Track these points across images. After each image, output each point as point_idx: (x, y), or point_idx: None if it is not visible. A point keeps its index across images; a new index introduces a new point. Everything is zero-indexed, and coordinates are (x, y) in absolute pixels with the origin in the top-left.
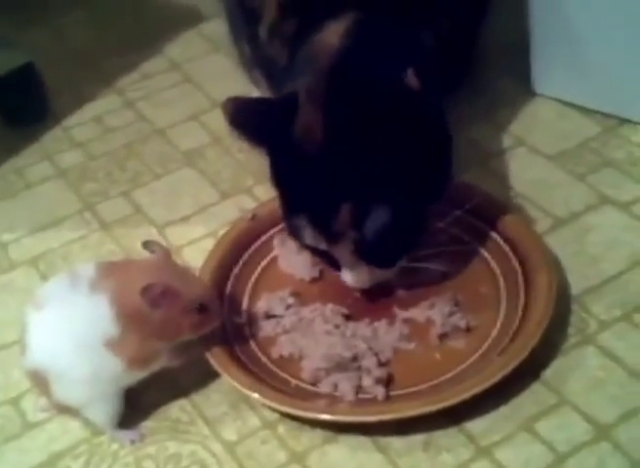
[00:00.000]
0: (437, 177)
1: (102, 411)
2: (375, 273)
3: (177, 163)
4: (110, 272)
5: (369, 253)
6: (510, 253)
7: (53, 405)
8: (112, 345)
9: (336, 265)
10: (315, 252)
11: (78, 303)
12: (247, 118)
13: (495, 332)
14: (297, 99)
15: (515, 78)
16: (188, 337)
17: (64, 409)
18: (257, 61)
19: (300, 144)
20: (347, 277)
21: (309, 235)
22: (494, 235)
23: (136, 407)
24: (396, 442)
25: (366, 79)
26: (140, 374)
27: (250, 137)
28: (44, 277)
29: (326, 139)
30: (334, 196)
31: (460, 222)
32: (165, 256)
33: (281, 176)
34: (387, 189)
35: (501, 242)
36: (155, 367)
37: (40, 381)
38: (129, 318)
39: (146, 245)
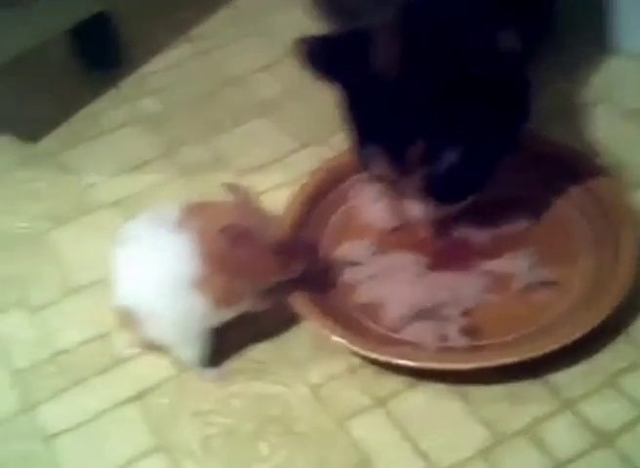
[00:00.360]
0: (512, 126)
1: (190, 350)
2: (438, 207)
3: (253, 112)
4: (194, 213)
5: (435, 190)
6: (595, 209)
7: (142, 342)
8: (198, 285)
9: (401, 196)
10: (382, 181)
11: (164, 243)
12: (320, 55)
13: (579, 288)
14: (372, 34)
15: (595, 34)
16: (271, 280)
17: (153, 347)
18: None
19: (379, 77)
20: (411, 208)
21: (379, 165)
22: (579, 191)
23: (221, 347)
24: (478, 391)
25: (446, 17)
26: (225, 315)
27: (324, 74)
28: (127, 218)
29: (405, 73)
30: (409, 130)
31: (544, 177)
32: (247, 199)
33: (356, 109)
34: (461, 131)
35: (587, 197)
36: (240, 308)
37: (130, 319)
38: (212, 258)
39: (228, 187)
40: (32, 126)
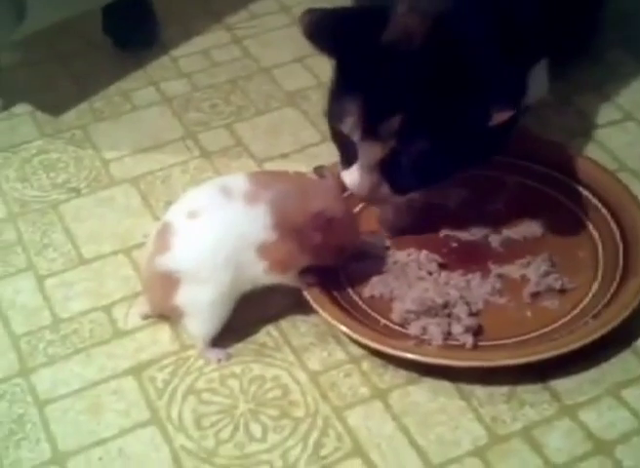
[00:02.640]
0: (488, 143)
1: (210, 321)
2: (378, 189)
3: (280, 102)
4: (268, 183)
5: (391, 169)
6: (611, 221)
7: (157, 311)
8: (262, 249)
9: (347, 162)
10: (340, 139)
11: (234, 213)
12: (322, 27)
13: (589, 297)
14: (383, 10)
15: (630, 50)
16: (329, 262)
17: (167, 316)
18: None
19: (386, 48)
20: (350, 176)
21: (349, 122)
22: (595, 201)
23: (225, 328)
24: (479, 391)
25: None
26: (270, 280)
27: (324, 44)
28: (143, 196)
29: (421, 51)
30: (394, 102)
31: (560, 186)
32: (335, 184)
33: (347, 73)
34: (444, 122)
35: (603, 209)
36: (286, 278)
37: (167, 283)
38: (287, 231)
39: (318, 169)
40: (56, 98)
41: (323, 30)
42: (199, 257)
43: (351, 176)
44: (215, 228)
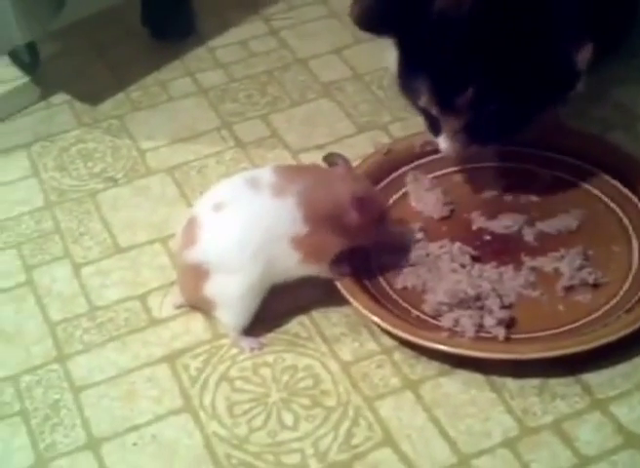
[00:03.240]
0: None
1: (240, 311)
2: (467, 149)
3: (315, 93)
4: (294, 177)
5: (475, 129)
6: None
7: (189, 301)
8: (295, 241)
9: (434, 130)
10: (422, 111)
11: (261, 205)
12: (375, 12)
13: (623, 291)
14: None
15: None
16: (362, 242)
17: (199, 307)
18: None
19: (439, 18)
20: (444, 144)
21: (425, 99)
22: (630, 194)
23: (258, 318)
24: (511, 383)
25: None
26: (304, 271)
27: (379, 28)
28: (178, 186)
29: (473, 15)
30: (462, 71)
31: (594, 179)
32: (349, 168)
33: (410, 51)
34: (517, 77)
35: (638, 202)
36: (320, 269)
37: (197, 274)
38: (318, 220)
39: (328, 157)
40: (94, 88)
41: (376, 15)
42: (226, 249)
43: (442, 145)
44: (241, 220)
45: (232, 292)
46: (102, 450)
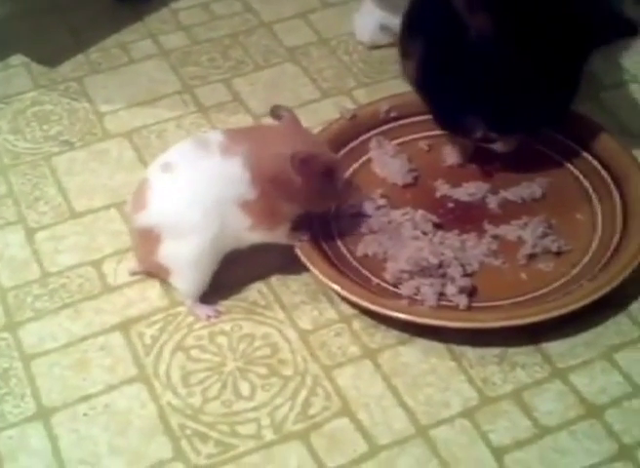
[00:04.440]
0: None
1: (194, 277)
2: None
3: (280, 57)
4: (242, 137)
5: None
6: (611, 185)
7: (144, 267)
8: (245, 206)
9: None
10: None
11: (210, 166)
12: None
13: (585, 260)
14: None
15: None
16: (318, 209)
17: (154, 273)
18: None
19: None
20: (502, 148)
21: (481, 130)
22: (595, 164)
23: (215, 286)
24: (471, 352)
25: None
26: (258, 237)
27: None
28: (137, 150)
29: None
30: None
31: (560, 147)
32: (294, 122)
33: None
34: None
35: (604, 173)
36: (276, 236)
37: (149, 239)
38: (267, 182)
39: (274, 110)
40: (52, 50)
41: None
42: (175, 212)
43: (500, 149)
44: (190, 181)
45: (185, 257)
46: (53, 421)
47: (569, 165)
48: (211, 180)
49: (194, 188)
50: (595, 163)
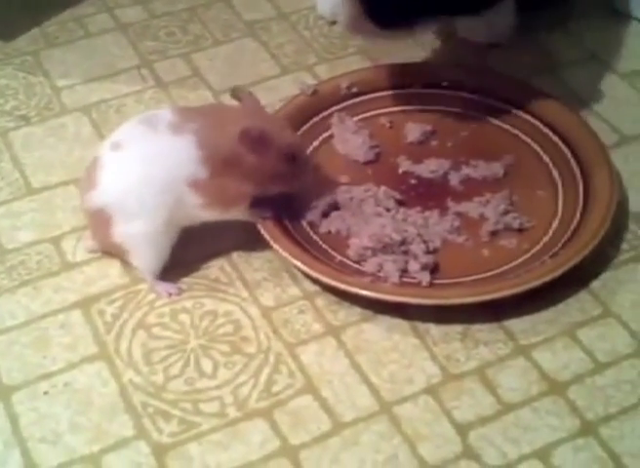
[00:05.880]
0: None
1: (151, 255)
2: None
3: (239, 32)
4: (194, 116)
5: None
6: (573, 162)
7: (100, 246)
8: (196, 185)
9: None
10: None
11: (159, 144)
12: None
13: (547, 236)
14: None
15: None
16: (275, 189)
17: (111, 252)
18: None
19: None
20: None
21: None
22: (556, 139)
23: (176, 263)
24: (434, 329)
25: None
26: (213, 216)
27: None
28: (95, 126)
29: None
30: None
31: (521, 124)
32: (254, 103)
33: None
34: None
35: (565, 149)
36: (234, 214)
37: (101, 219)
38: (219, 161)
39: (235, 90)
40: (6, 24)
41: None
42: (125, 190)
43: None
44: (139, 159)
45: (138, 236)
46: (13, 399)
47: (531, 142)
48: (160, 159)
49: (143, 167)
50: (555, 139)
